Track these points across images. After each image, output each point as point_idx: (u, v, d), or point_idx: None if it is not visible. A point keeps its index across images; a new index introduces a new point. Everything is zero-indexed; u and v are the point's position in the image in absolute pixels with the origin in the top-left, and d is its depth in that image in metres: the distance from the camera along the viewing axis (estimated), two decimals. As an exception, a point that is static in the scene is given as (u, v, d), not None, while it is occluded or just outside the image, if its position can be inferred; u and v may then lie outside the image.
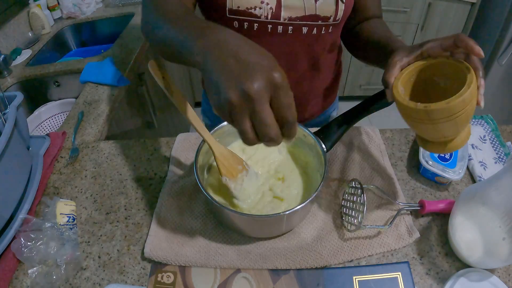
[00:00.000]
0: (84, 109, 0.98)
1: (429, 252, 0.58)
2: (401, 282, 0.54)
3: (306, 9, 0.64)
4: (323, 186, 0.67)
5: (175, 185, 0.68)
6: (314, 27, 0.67)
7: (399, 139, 0.78)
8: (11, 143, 0.62)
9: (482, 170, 0.70)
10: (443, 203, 0.62)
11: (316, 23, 0.66)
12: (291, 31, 0.66)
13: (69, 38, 1.64)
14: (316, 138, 0.61)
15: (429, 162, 0.66)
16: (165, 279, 0.56)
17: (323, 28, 0.68)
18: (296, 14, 0.64)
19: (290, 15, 0.64)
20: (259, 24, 0.64)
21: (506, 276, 0.55)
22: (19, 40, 1.43)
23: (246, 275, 0.56)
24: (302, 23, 0.65)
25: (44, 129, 1.19)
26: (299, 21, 0.65)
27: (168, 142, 0.81)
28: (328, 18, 0.66)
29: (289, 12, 0.63)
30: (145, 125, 1.44)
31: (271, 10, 0.62)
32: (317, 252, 0.57)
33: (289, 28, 0.66)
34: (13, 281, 0.58)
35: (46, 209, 0.63)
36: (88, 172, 0.75)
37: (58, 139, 0.82)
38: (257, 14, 0.63)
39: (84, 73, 1.14)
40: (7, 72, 1.26)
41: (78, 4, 1.62)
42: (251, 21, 0.64)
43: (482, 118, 0.81)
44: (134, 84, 1.28)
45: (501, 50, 1.91)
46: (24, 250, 0.57)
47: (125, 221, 0.65)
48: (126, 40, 1.38)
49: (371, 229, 0.60)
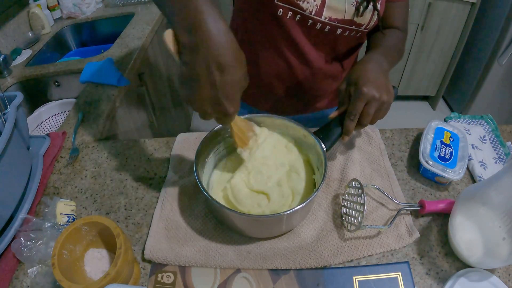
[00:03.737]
0: (84, 109, 0.98)
1: (429, 252, 0.58)
2: (401, 282, 0.54)
3: (346, 14, 0.67)
4: (323, 186, 0.67)
5: (175, 185, 0.68)
6: (347, 30, 0.70)
7: (399, 139, 0.79)
8: (11, 143, 0.61)
9: (482, 170, 0.70)
10: (443, 203, 0.62)
11: (350, 27, 0.70)
12: (327, 30, 0.69)
13: (69, 38, 1.64)
14: (316, 138, 0.61)
15: (429, 162, 0.66)
16: (165, 279, 0.56)
17: (353, 32, 0.71)
18: (336, 16, 0.67)
19: (330, 16, 0.67)
20: (302, 16, 0.67)
21: (506, 276, 0.55)
22: (19, 40, 1.43)
23: (246, 275, 0.56)
24: (339, 25, 0.69)
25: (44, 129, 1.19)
26: (337, 23, 0.68)
27: (168, 142, 0.81)
28: (361, 25, 0.70)
29: (330, 13, 0.67)
30: (145, 125, 1.44)
31: (316, 7, 0.66)
32: (317, 252, 0.57)
33: (327, 27, 0.69)
34: (13, 281, 0.58)
35: (46, 209, 0.63)
36: (88, 172, 0.75)
37: (58, 139, 0.82)
38: (304, 7, 0.66)
39: (84, 73, 1.14)
40: (7, 72, 1.26)
41: (78, 4, 1.62)
42: (296, 12, 0.67)
43: (482, 118, 0.81)
44: (134, 84, 1.28)
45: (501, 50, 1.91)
46: (24, 250, 0.57)
47: (125, 221, 0.65)
48: (126, 40, 1.38)
49: (371, 229, 0.60)
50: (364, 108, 0.59)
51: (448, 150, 0.68)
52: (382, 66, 0.64)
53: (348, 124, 0.61)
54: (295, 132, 0.66)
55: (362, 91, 0.58)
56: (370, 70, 0.61)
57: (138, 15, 1.60)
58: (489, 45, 2.00)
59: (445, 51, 2.20)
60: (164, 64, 1.70)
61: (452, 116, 0.83)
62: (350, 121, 0.60)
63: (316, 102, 0.89)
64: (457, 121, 0.82)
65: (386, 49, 0.69)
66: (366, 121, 0.60)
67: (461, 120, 0.82)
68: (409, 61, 2.27)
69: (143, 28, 1.46)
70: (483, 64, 2.06)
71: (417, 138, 0.78)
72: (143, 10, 1.64)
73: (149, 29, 1.45)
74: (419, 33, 2.12)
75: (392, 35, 0.74)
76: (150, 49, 1.47)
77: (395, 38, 0.74)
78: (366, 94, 0.58)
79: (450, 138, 0.71)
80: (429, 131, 0.72)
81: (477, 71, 2.13)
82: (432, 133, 0.72)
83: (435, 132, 0.72)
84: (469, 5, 1.98)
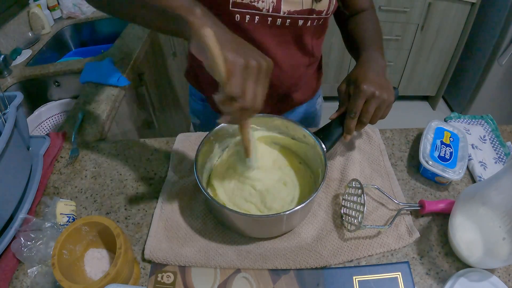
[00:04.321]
0: (84, 109, 0.98)
1: (429, 252, 0.58)
2: (401, 282, 0.54)
3: (304, 3, 0.66)
4: (323, 186, 0.67)
5: (175, 185, 0.68)
6: (309, 20, 0.70)
7: (399, 139, 0.79)
8: (11, 143, 0.61)
9: (482, 170, 0.70)
10: (443, 203, 0.62)
11: (310, 17, 0.69)
12: (288, 24, 0.69)
13: (69, 38, 1.64)
14: (316, 138, 0.61)
15: (429, 162, 0.66)
16: (165, 279, 0.56)
17: (315, 20, 0.71)
18: (294, 8, 0.66)
19: (289, 9, 0.66)
20: (260, 16, 0.66)
21: (506, 276, 0.55)
22: (19, 40, 1.43)
23: (246, 275, 0.56)
24: (299, 16, 0.68)
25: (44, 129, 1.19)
26: (297, 14, 0.67)
27: (168, 142, 0.81)
28: (321, 12, 0.69)
29: (289, 6, 0.66)
30: (145, 125, 1.44)
31: (273, 4, 0.65)
32: (317, 252, 0.57)
33: (287, 21, 0.68)
34: (13, 281, 0.58)
35: (46, 209, 0.63)
36: (88, 172, 0.75)
37: (58, 139, 0.82)
38: (260, 7, 0.65)
39: (84, 73, 1.14)
40: (7, 72, 1.26)
41: (78, 4, 1.62)
42: (253, 14, 0.66)
43: (482, 118, 0.81)
44: (134, 84, 1.28)
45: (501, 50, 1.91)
46: (24, 250, 0.57)
47: (125, 221, 0.65)
48: (126, 40, 1.38)
49: (371, 229, 0.60)
50: (364, 105, 0.59)
51: (448, 150, 0.69)
52: (380, 64, 0.64)
53: (349, 123, 0.61)
54: (295, 132, 0.66)
55: (362, 88, 0.58)
56: (369, 70, 0.61)
57: (138, 15, 1.59)
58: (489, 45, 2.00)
59: (445, 51, 2.20)
60: (164, 64, 1.69)
61: (452, 116, 0.83)
62: (351, 119, 0.60)
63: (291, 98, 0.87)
64: (457, 121, 0.82)
65: (374, 41, 0.70)
66: (366, 119, 0.60)
67: (461, 120, 0.82)
68: (409, 61, 2.27)
69: (143, 28, 1.46)
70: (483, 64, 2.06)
71: (417, 138, 0.78)
72: (143, 10, 1.64)
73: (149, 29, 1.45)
74: (419, 33, 2.12)
75: (368, 20, 0.75)
76: (150, 49, 1.47)
77: (372, 21, 0.75)
78: (366, 91, 0.58)
79: (450, 138, 0.71)
80: (429, 131, 0.72)
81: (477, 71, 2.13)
82: (432, 133, 0.72)
83: (435, 132, 0.72)
84: (469, 5, 1.98)
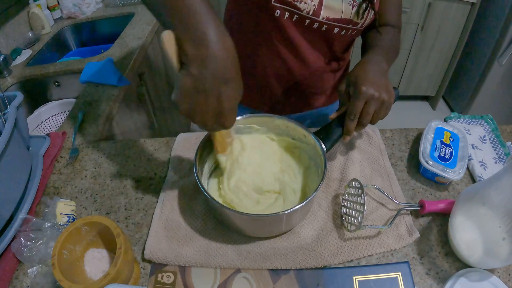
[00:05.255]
0: (84, 109, 0.98)
1: (429, 252, 0.58)
2: (401, 282, 0.54)
3: (344, 13, 0.68)
4: (323, 186, 0.67)
5: (175, 185, 0.68)
6: (344, 29, 0.71)
7: (399, 139, 0.78)
8: (11, 143, 0.61)
9: (482, 170, 0.70)
10: (443, 203, 0.62)
11: (347, 26, 0.70)
12: (324, 29, 0.70)
13: (69, 38, 1.64)
14: (316, 138, 0.61)
15: (429, 162, 0.66)
16: (165, 279, 0.56)
17: (350, 30, 0.72)
18: (334, 15, 0.68)
19: (328, 15, 0.67)
20: (299, 16, 0.67)
21: (506, 276, 0.55)
22: (19, 40, 1.43)
23: (246, 275, 0.56)
24: (336, 24, 0.69)
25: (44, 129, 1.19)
26: (335, 22, 0.69)
27: (168, 142, 0.81)
28: (358, 24, 0.71)
29: (328, 13, 0.67)
30: (145, 125, 1.44)
31: (314, 7, 0.66)
32: (317, 252, 0.57)
33: (324, 27, 0.69)
34: (13, 281, 0.58)
35: (46, 209, 0.63)
36: (88, 172, 0.75)
37: (58, 139, 0.82)
38: (301, 8, 0.66)
39: (84, 73, 1.14)
40: (7, 72, 1.26)
41: (78, 4, 1.62)
42: (293, 12, 0.67)
43: (482, 118, 0.81)
44: (134, 84, 1.28)
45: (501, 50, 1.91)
46: (24, 250, 0.57)
47: (125, 221, 0.65)
48: (126, 40, 1.38)
49: (371, 229, 0.60)
50: (364, 107, 0.59)
51: (448, 150, 0.68)
52: (381, 66, 0.64)
53: (349, 124, 0.61)
54: (295, 132, 0.66)
55: (361, 90, 0.58)
56: (369, 71, 0.61)
57: (138, 15, 1.60)
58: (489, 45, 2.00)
59: (445, 51, 2.20)
60: (164, 64, 1.70)
61: (452, 116, 0.83)
62: (350, 121, 0.60)
63: (314, 100, 0.89)
64: (457, 121, 0.82)
65: (384, 49, 0.70)
66: (366, 121, 0.60)
67: (461, 120, 0.82)
68: (409, 61, 2.27)
69: (143, 28, 1.46)
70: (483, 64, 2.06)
71: (417, 138, 0.78)
72: (143, 10, 1.64)
73: (149, 29, 1.45)
74: (419, 33, 2.12)
75: (388, 34, 0.75)
76: (150, 49, 1.47)
77: (391, 36, 0.75)
78: (365, 93, 0.58)
79: (450, 138, 0.71)
80: (429, 131, 0.72)
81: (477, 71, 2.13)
82: (432, 133, 0.72)
83: (435, 132, 0.72)
84: (469, 5, 1.98)
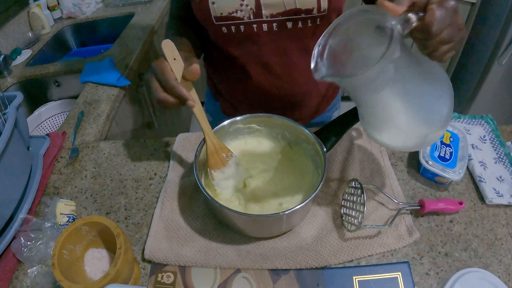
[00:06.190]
0: (84, 109, 0.98)
1: (429, 252, 0.58)
2: (401, 282, 0.54)
3: (286, 4, 0.63)
4: (323, 186, 0.67)
5: (175, 185, 0.68)
6: (299, 20, 0.66)
7: (399, 139, 0.78)
8: (11, 143, 0.62)
9: (482, 170, 0.70)
10: (443, 203, 0.62)
11: (299, 17, 0.65)
12: (276, 28, 0.66)
13: (69, 38, 1.65)
14: (316, 138, 0.61)
15: (429, 162, 0.66)
16: (165, 279, 0.56)
17: (308, 21, 0.65)
18: (276, 10, 0.64)
19: (271, 12, 0.64)
20: (245, 25, 0.65)
21: (506, 276, 0.55)
22: (19, 40, 1.43)
23: (246, 275, 0.56)
24: (285, 18, 0.65)
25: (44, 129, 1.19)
26: (281, 16, 0.65)
27: (168, 142, 0.81)
28: (311, 11, 0.63)
29: (270, 10, 0.64)
30: (145, 125, 1.44)
31: (252, 11, 0.63)
32: (317, 252, 0.57)
33: (274, 25, 0.66)
34: (13, 281, 0.58)
35: (46, 209, 0.63)
36: (88, 172, 0.75)
37: (58, 139, 0.82)
38: (240, 17, 0.64)
39: (84, 73, 1.14)
40: (7, 72, 1.26)
41: (78, 4, 1.62)
42: (237, 24, 0.65)
43: (482, 118, 0.81)
44: (134, 84, 1.28)
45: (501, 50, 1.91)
46: (24, 250, 0.57)
47: (125, 221, 0.65)
48: (126, 40, 1.38)
49: (371, 229, 0.60)
50: None
51: (448, 150, 0.69)
52: None
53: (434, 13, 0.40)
54: (295, 132, 0.66)
55: None
56: None
57: (138, 15, 1.60)
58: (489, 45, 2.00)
59: (445, 51, 2.20)
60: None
61: (452, 116, 0.83)
62: None
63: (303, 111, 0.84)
64: (457, 121, 0.82)
65: None
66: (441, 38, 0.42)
67: (461, 120, 0.82)
68: (409, 61, 2.26)
69: (143, 28, 1.46)
70: (483, 64, 2.06)
71: (417, 138, 0.78)
72: (143, 10, 1.65)
73: (149, 29, 1.45)
74: (419, 33, 2.12)
75: None
76: (150, 49, 1.47)
77: None
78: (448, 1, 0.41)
79: (450, 138, 0.71)
80: (429, 131, 0.72)
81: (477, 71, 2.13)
82: (432, 133, 0.72)
83: (435, 132, 0.72)
84: (469, 5, 1.98)
